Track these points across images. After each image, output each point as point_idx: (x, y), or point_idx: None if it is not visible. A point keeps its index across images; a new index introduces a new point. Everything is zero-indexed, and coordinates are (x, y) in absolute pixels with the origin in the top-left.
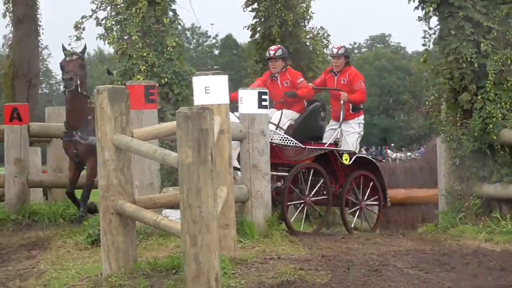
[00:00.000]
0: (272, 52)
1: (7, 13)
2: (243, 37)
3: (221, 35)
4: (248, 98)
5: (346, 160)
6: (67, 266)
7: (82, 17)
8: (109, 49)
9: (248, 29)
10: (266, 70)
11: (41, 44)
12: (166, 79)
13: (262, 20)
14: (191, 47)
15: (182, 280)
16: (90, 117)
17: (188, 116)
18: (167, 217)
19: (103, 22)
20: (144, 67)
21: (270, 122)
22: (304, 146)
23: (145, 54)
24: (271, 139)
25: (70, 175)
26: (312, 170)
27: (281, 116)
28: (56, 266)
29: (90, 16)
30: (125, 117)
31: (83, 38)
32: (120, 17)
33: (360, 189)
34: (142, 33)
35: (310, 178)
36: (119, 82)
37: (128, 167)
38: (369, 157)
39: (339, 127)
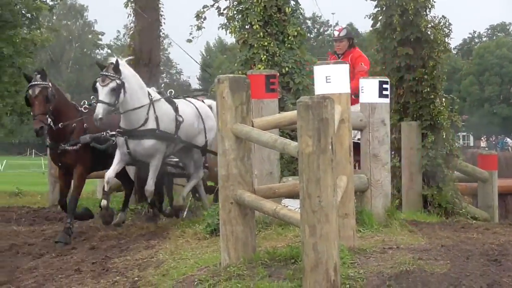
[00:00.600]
0: (336, 33)
1: (129, 3)
2: (364, 26)
3: (342, 24)
4: (369, 87)
5: None
6: (186, 255)
7: (204, 7)
8: (229, 39)
9: (369, 18)
10: (388, 59)
11: (162, 33)
12: (287, 69)
13: (383, 9)
14: (312, 36)
15: (301, 270)
16: (74, 124)
17: (309, 105)
18: (287, 206)
19: (225, 11)
20: (265, 56)
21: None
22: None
23: (266, 43)
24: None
25: (60, 185)
26: None
27: None
28: (175, 255)
29: (212, 6)
30: (246, 107)
31: (204, 28)
32: (241, 6)
33: None
34: (263, 22)
35: None
36: (240, 72)
37: (248, 156)
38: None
39: None
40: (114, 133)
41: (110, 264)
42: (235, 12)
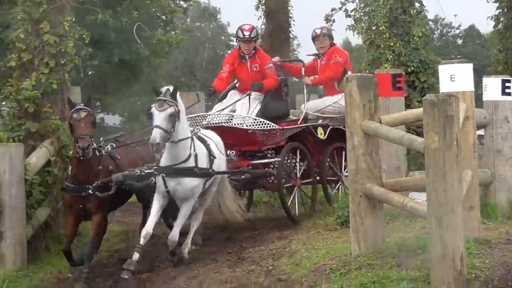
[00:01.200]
0: (247, 34)
1: (259, 5)
2: (486, 27)
3: (464, 25)
4: (492, 86)
5: (321, 134)
6: (317, 246)
7: (332, 10)
8: (356, 40)
9: (491, 19)
10: (510, 59)
11: (292, 35)
12: (412, 68)
13: (505, 10)
14: (435, 37)
15: (428, 260)
16: (100, 166)
17: (435, 103)
18: (414, 199)
19: (352, 13)
20: (391, 56)
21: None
22: (281, 128)
23: (392, 43)
24: (238, 124)
25: (68, 232)
26: (298, 151)
27: (249, 101)
28: (307, 246)
29: (340, 9)
30: (373, 104)
31: (334, 30)
32: (368, 8)
33: (336, 162)
34: (389, 23)
35: (297, 159)
36: (367, 71)
37: (376, 152)
38: (341, 126)
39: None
40: (149, 170)
41: (245, 254)
42: (362, 14)
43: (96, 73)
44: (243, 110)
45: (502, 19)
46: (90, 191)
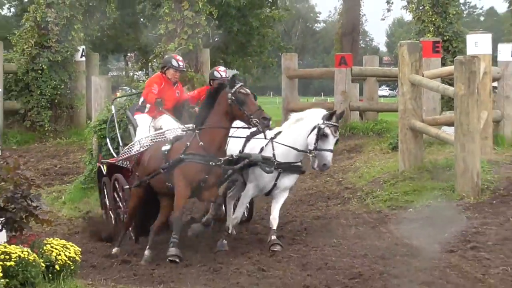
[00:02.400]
0: (181, 64)
1: None
2: (503, 8)
3: (486, 7)
4: (504, 50)
5: None
6: (374, 164)
7: None
8: (407, 17)
9: (506, 1)
10: None
11: (362, 12)
12: (447, 37)
13: None
14: (464, 14)
15: (454, 175)
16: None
17: (463, 62)
18: (445, 131)
19: None
20: (432, 28)
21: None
22: None
23: (433, 19)
24: None
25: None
26: None
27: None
28: (367, 164)
29: None
30: (418, 63)
31: (392, 10)
32: None
33: None
34: (431, 4)
35: None
36: (415, 39)
37: (419, 97)
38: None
39: None
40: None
41: None
42: None
43: (221, 39)
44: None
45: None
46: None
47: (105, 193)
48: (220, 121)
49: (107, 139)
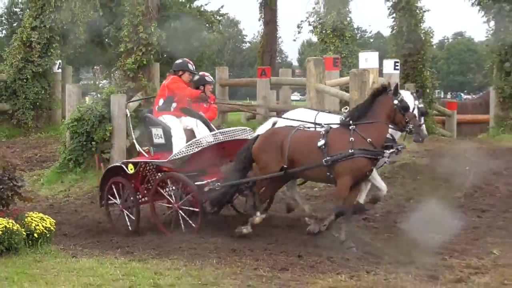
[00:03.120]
0: (192, 68)
1: (261, 18)
2: (387, 32)
3: (374, 31)
4: (388, 65)
5: None
6: None
7: (301, 21)
8: (314, 38)
9: (390, 28)
10: (399, 51)
11: (278, 35)
12: (344, 54)
13: (397, 22)
14: (357, 37)
15: None
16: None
17: (356, 74)
18: None
19: (312, 23)
20: (333, 47)
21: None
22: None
23: (334, 40)
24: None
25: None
26: None
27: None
28: None
29: (305, 21)
30: (322, 74)
31: (301, 33)
32: (321, 20)
33: None
34: (332, 29)
35: None
36: (319, 55)
37: (323, 101)
38: None
39: None
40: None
41: None
42: (318, 23)
43: (169, 56)
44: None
45: (395, 28)
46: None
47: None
48: (379, 119)
49: (134, 140)
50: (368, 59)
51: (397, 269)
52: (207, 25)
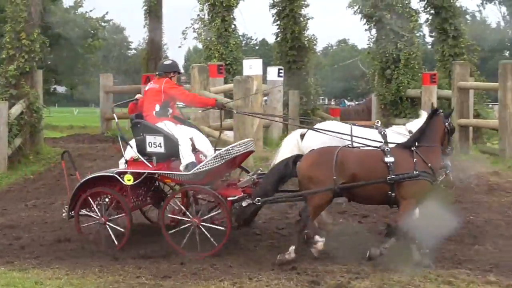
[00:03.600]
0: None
1: (146, 25)
2: (272, 39)
3: (259, 38)
4: (272, 72)
5: None
6: None
7: (186, 28)
8: (200, 45)
9: (274, 35)
10: (283, 57)
11: (164, 42)
12: (228, 61)
13: (282, 30)
14: (243, 44)
15: None
16: None
17: (240, 81)
18: (227, 135)
19: (197, 30)
20: (217, 54)
21: None
22: None
23: (218, 47)
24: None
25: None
26: None
27: None
28: None
29: (190, 27)
30: (206, 81)
31: (187, 39)
32: (205, 27)
33: None
34: (217, 36)
35: None
36: (204, 62)
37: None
38: None
39: None
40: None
41: None
42: (202, 30)
43: (52, 63)
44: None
45: (279, 35)
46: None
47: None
48: (436, 143)
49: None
50: (252, 66)
51: (279, 275)
52: (92, 31)
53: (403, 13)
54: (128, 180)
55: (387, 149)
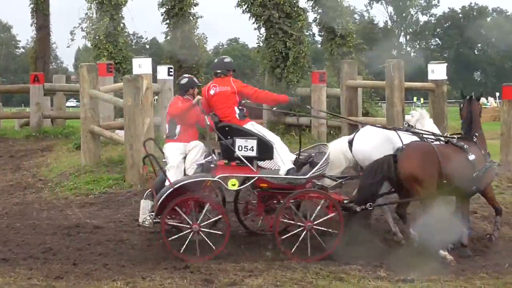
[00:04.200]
0: None
1: (33, 23)
2: (161, 38)
3: (150, 37)
4: (162, 71)
5: None
6: (63, 160)
7: (74, 27)
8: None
9: (163, 33)
10: (174, 57)
11: (52, 41)
12: (118, 60)
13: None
14: (133, 43)
15: (125, 168)
16: None
17: (129, 80)
18: (118, 134)
19: (86, 28)
20: (106, 53)
21: None
22: None
23: (107, 46)
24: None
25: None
26: None
27: None
28: (57, 160)
29: (77, 27)
30: (95, 80)
31: (75, 39)
32: (93, 26)
33: None
34: (105, 35)
35: None
36: (93, 61)
37: (97, 107)
38: None
39: None
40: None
41: None
42: (91, 29)
43: None
44: None
45: (169, 34)
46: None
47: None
48: (481, 129)
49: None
50: (142, 65)
51: (172, 274)
52: None
53: (291, 12)
54: (232, 185)
55: (465, 146)
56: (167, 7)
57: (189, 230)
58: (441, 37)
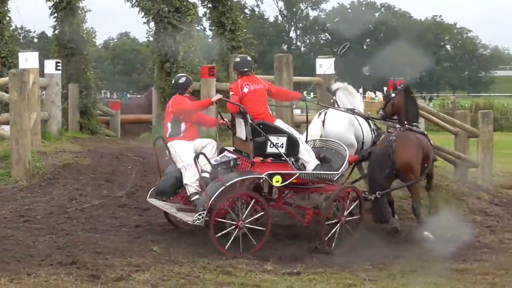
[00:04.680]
0: None
1: None
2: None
3: (38, 31)
4: (50, 66)
5: None
6: None
7: None
8: None
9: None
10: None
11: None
12: (4, 54)
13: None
14: (20, 37)
15: (10, 163)
16: None
17: (15, 74)
18: (4, 129)
19: None
20: None
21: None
22: None
23: None
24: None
25: None
26: None
27: None
28: None
29: None
30: None
31: None
32: None
33: None
34: None
35: None
36: None
37: None
38: None
39: None
40: None
41: None
42: None
43: None
44: None
45: (57, 28)
46: None
47: None
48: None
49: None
50: (28, 59)
51: (58, 270)
52: None
53: (181, 7)
54: (276, 181)
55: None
56: (54, 0)
57: (234, 227)
58: (330, 32)
